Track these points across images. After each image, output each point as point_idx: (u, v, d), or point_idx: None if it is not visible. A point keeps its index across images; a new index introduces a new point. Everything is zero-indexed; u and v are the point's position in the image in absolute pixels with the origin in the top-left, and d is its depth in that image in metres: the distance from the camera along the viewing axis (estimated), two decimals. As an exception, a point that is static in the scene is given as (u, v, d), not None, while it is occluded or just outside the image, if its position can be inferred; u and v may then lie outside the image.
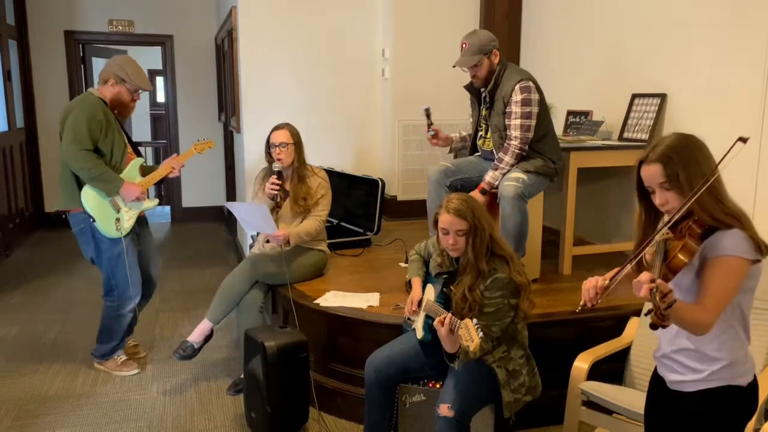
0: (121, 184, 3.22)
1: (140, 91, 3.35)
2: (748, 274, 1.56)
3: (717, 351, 1.61)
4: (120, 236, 3.26)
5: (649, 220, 1.70)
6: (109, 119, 3.23)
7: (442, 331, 2.16)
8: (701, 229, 1.55)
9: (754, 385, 1.66)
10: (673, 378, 1.70)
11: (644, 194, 1.68)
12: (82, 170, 3.15)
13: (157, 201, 3.55)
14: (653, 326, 1.39)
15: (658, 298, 1.37)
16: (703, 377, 1.63)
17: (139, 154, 3.47)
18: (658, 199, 1.61)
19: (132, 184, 3.27)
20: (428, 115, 3.35)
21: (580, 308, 1.65)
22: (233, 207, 3.26)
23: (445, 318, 2.16)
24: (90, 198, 3.21)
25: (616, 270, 1.70)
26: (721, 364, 1.61)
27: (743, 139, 1.52)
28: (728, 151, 1.51)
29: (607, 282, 1.62)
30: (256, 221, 3.26)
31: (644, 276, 1.41)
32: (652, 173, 1.60)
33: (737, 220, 1.55)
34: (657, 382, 1.79)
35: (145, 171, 3.43)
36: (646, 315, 1.43)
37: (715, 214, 1.54)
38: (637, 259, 1.63)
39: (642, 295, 1.40)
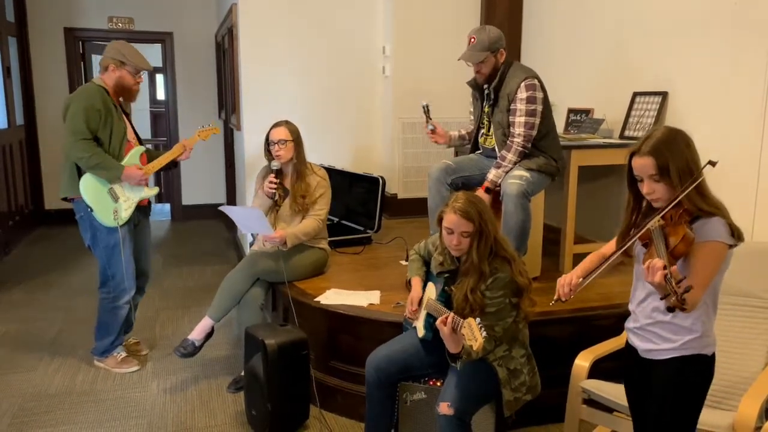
0: (122, 171, 3.22)
1: (142, 72, 3.35)
2: (725, 258, 1.74)
3: (692, 324, 1.78)
4: (117, 226, 3.26)
5: (635, 207, 1.86)
6: (109, 107, 3.23)
7: (444, 330, 2.15)
8: (689, 218, 1.71)
9: (714, 355, 1.84)
10: (647, 347, 1.86)
11: (633, 182, 1.83)
12: (81, 159, 3.15)
13: (156, 189, 3.54)
14: (671, 309, 1.50)
15: (674, 283, 1.48)
16: (675, 346, 1.79)
17: (141, 143, 3.45)
18: (645, 188, 1.76)
19: (134, 168, 3.27)
20: (427, 112, 3.34)
21: (553, 302, 1.88)
22: (228, 211, 3.21)
23: (447, 318, 2.15)
24: (88, 187, 3.20)
25: (591, 261, 1.95)
26: (694, 335, 1.78)
27: (712, 163, 1.69)
28: (697, 175, 1.69)
29: (580, 280, 1.86)
30: (251, 223, 3.24)
31: (657, 262, 1.52)
32: (644, 165, 1.73)
33: (717, 209, 1.73)
34: (629, 351, 1.95)
35: (150, 157, 3.42)
36: (661, 299, 1.54)
37: (700, 205, 1.71)
38: (625, 248, 1.79)
39: (656, 280, 1.52)
